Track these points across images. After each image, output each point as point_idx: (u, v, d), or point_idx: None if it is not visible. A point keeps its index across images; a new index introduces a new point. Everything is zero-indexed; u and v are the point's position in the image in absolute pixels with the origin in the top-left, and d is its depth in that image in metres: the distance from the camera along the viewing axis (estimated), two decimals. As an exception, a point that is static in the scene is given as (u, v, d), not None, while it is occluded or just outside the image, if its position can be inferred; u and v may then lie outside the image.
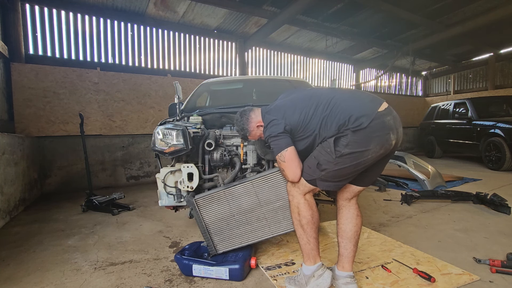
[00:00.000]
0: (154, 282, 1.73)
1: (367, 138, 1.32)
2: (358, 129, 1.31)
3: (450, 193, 3.29)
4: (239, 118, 1.66)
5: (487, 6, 5.97)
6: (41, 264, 2.01)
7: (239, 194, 1.74)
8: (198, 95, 3.37)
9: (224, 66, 6.84)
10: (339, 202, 1.60)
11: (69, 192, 4.43)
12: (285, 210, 1.70)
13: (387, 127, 1.35)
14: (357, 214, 1.57)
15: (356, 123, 1.32)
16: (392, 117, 1.39)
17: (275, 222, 1.74)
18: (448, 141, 6.89)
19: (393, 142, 1.39)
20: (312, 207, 1.50)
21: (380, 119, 1.33)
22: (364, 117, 1.32)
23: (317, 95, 1.50)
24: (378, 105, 1.38)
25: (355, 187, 1.55)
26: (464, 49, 8.88)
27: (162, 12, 5.50)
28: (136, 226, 2.80)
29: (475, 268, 1.76)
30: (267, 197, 1.71)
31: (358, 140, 1.32)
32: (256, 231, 1.78)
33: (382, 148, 1.36)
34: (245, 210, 1.75)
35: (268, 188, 1.70)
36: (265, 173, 1.69)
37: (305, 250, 1.51)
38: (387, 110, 1.38)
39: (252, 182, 1.70)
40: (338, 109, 1.38)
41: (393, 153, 1.49)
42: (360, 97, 1.46)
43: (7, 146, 3.03)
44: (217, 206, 1.78)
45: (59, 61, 4.88)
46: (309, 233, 1.49)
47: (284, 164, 1.46)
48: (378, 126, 1.32)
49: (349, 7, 5.72)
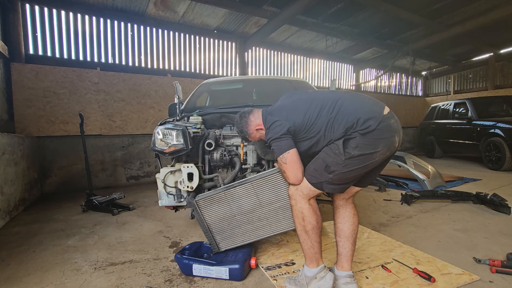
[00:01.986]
0: (154, 282, 1.73)
1: (376, 140, 1.35)
2: (367, 132, 1.33)
3: (450, 193, 3.29)
4: (238, 120, 1.66)
5: (487, 6, 5.97)
6: (41, 264, 2.01)
7: (239, 195, 1.74)
8: (198, 95, 3.37)
9: (224, 66, 6.84)
10: (336, 202, 1.61)
11: (69, 192, 4.44)
12: (285, 210, 1.71)
13: (393, 130, 1.39)
14: (353, 213, 1.58)
15: (364, 125, 1.34)
16: (395, 120, 1.43)
17: (275, 221, 1.75)
18: (448, 141, 6.89)
19: (397, 145, 1.43)
20: (317, 212, 1.49)
21: (386, 121, 1.37)
22: (372, 120, 1.35)
23: (321, 97, 1.51)
24: (382, 109, 1.41)
25: (354, 188, 1.56)
26: (464, 49, 8.87)
27: (162, 12, 5.50)
28: (136, 226, 2.80)
29: (475, 268, 1.76)
30: (267, 198, 1.71)
31: (367, 143, 1.34)
32: (257, 230, 1.79)
33: (389, 150, 1.39)
34: (246, 210, 1.76)
35: (268, 188, 1.70)
36: (264, 174, 1.68)
37: (308, 254, 1.51)
38: (390, 114, 1.42)
39: (252, 183, 1.70)
40: (346, 111, 1.39)
41: (393, 154, 1.51)
42: (364, 100, 1.48)
43: (7, 146, 3.03)
44: (218, 207, 1.78)
45: (59, 61, 4.88)
46: (314, 237, 1.48)
47: (286, 166, 1.45)
48: (385, 129, 1.36)
49: (349, 7, 5.72)
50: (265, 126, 1.53)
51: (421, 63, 9.77)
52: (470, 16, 6.37)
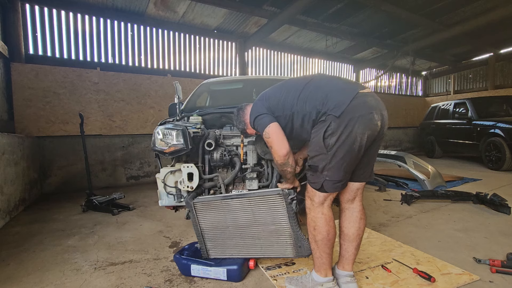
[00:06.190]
0: (154, 282, 1.73)
1: (350, 120, 1.30)
2: (338, 111, 1.31)
3: (450, 193, 3.29)
4: (236, 113, 1.73)
5: (487, 6, 5.97)
6: (41, 264, 2.01)
7: (235, 207, 1.70)
8: (198, 95, 3.37)
9: (224, 66, 6.84)
10: (341, 204, 1.58)
11: (69, 192, 4.44)
12: (280, 235, 1.65)
13: (368, 107, 1.34)
14: (360, 217, 1.53)
15: (334, 101, 1.33)
16: (374, 99, 1.39)
17: (268, 244, 1.69)
18: (448, 141, 6.89)
19: (379, 123, 1.37)
20: (329, 223, 1.44)
21: (361, 98, 1.34)
22: (343, 95, 1.33)
23: (296, 79, 1.61)
24: (361, 88, 1.39)
25: (353, 184, 1.53)
26: (464, 49, 8.87)
27: (162, 12, 5.50)
28: (136, 226, 2.80)
29: (475, 268, 1.76)
30: (263, 218, 1.66)
31: (341, 125, 1.31)
32: (249, 247, 1.74)
33: (367, 128, 1.33)
34: (240, 224, 1.71)
35: (266, 208, 1.64)
36: (264, 192, 1.64)
37: (316, 262, 1.50)
38: (369, 93, 1.39)
39: (250, 199, 1.66)
40: (317, 89, 1.43)
41: (381, 139, 1.46)
42: (338, 80, 1.52)
43: (7, 146, 3.03)
44: (213, 214, 1.76)
45: (59, 61, 4.88)
46: (323, 249, 1.45)
47: (270, 140, 1.48)
48: (359, 106, 1.32)
49: (349, 7, 5.72)
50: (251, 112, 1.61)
51: (421, 63, 9.77)
52: (470, 16, 6.36)
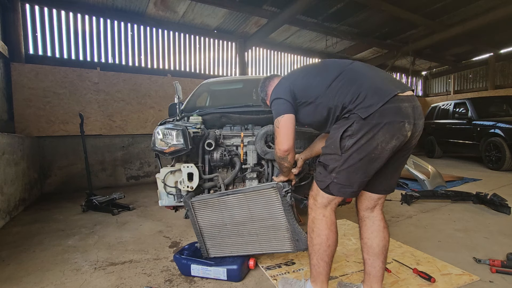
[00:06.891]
0: (154, 282, 1.73)
1: (374, 125, 1.14)
2: (366, 112, 1.14)
3: (450, 193, 3.29)
4: (263, 80, 1.70)
5: (487, 6, 5.96)
6: (41, 264, 2.01)
7: (232, 204, 1.69)
8: (198, 95, 3.37)
9: (224, 66, 6.85)
10: (360, 213, 1.43)
11: (69, 192, 4.43)
12: (277, 230, 1.64)
13: (401, 114, 1.15)
14: (383, 226, 1.37)
15: (365, 102, 1.15)
16: (411, 106, 1.19)
17: (266, 240, 1.69)
18: (448, 141, 6.89)
19: (408, 134, 1.19)
20: (330, 227, 1.29)
21: (395, 103, 1.15)
22: (377, 97, 1.15)
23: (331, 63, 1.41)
24: (401, 89, 1.19)
25: (372, 195, 1.37)
26: (464, 49, 8.87)
27: (162, 12, 5.50)
28: (136, 226, 2.80)
29: (475, 268, 1.76)
30: (259, 213, 1.65)
31: (363, 127, 1.15)
32: (246, 244, 1.73)
33: (393, 138, 1.15)
34: (237, 221, 1.71)
35: (262, 204, 1.63)
36: (259, 187, 1.63)
37: (312, 271, 1.34)
38: (408, 98, 1.19)
39: (245, 194, 1.65)
40: (349, 83, 1.23)
41: (409, 150, 1.30)
42: (378, 74, 1.30)
43: (7, 146, 3.03)
44: (211, 212, 1.75)
45: (59, 61, 4.88)
46: (320, 255, 1.30)
47: (278, 130, 1.38)
48: (390, 111, 1.14)
49: (349, 7, 5.71)
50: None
51: (421, 63, 9.77)
52: (470, 16, 6.36)
